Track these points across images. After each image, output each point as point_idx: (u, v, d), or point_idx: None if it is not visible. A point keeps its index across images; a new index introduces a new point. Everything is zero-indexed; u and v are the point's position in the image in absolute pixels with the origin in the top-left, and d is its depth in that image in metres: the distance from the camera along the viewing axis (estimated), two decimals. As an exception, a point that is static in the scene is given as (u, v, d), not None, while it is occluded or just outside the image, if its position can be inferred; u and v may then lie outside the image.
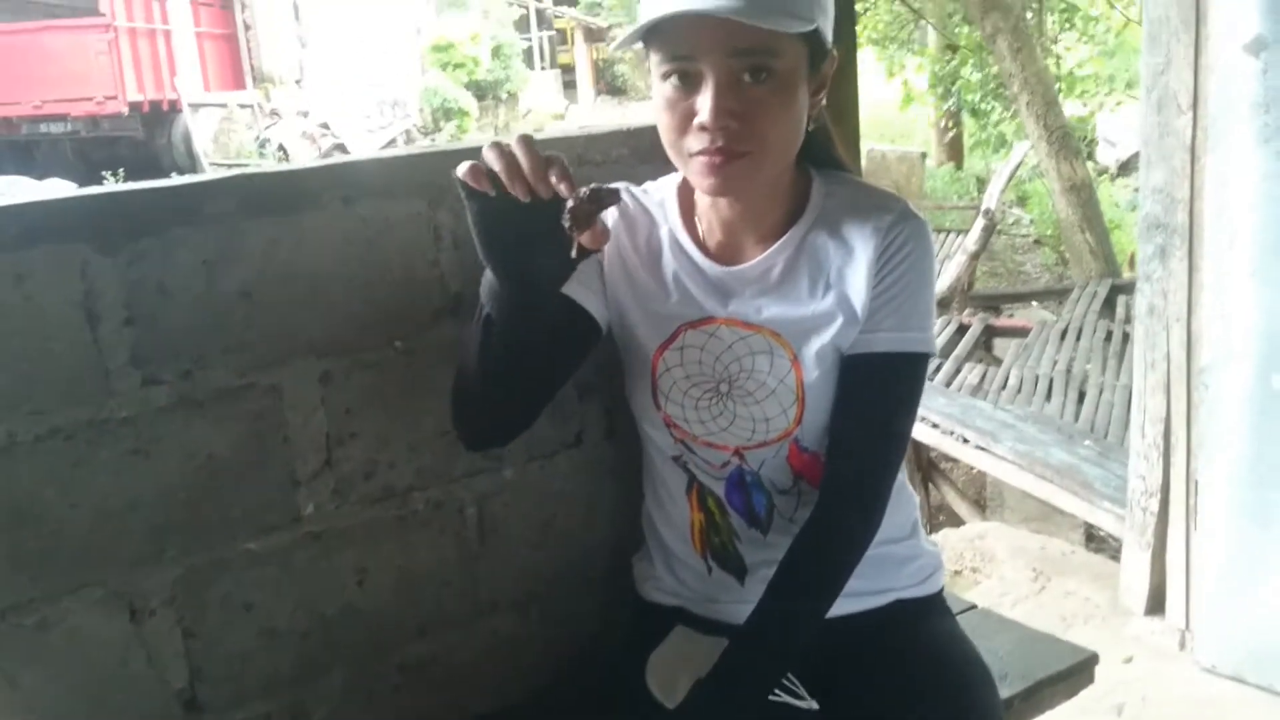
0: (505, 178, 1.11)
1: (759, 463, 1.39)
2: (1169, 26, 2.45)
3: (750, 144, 1.20)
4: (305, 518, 1.39)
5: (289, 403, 1.35)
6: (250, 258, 1.30)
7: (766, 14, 1.14)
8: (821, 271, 1.32)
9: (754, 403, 1.34)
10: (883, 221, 1.30)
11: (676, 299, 1.36)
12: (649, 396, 1.39)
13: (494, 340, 1.25)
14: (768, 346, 1.33)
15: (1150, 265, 2.64)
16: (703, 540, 1.45)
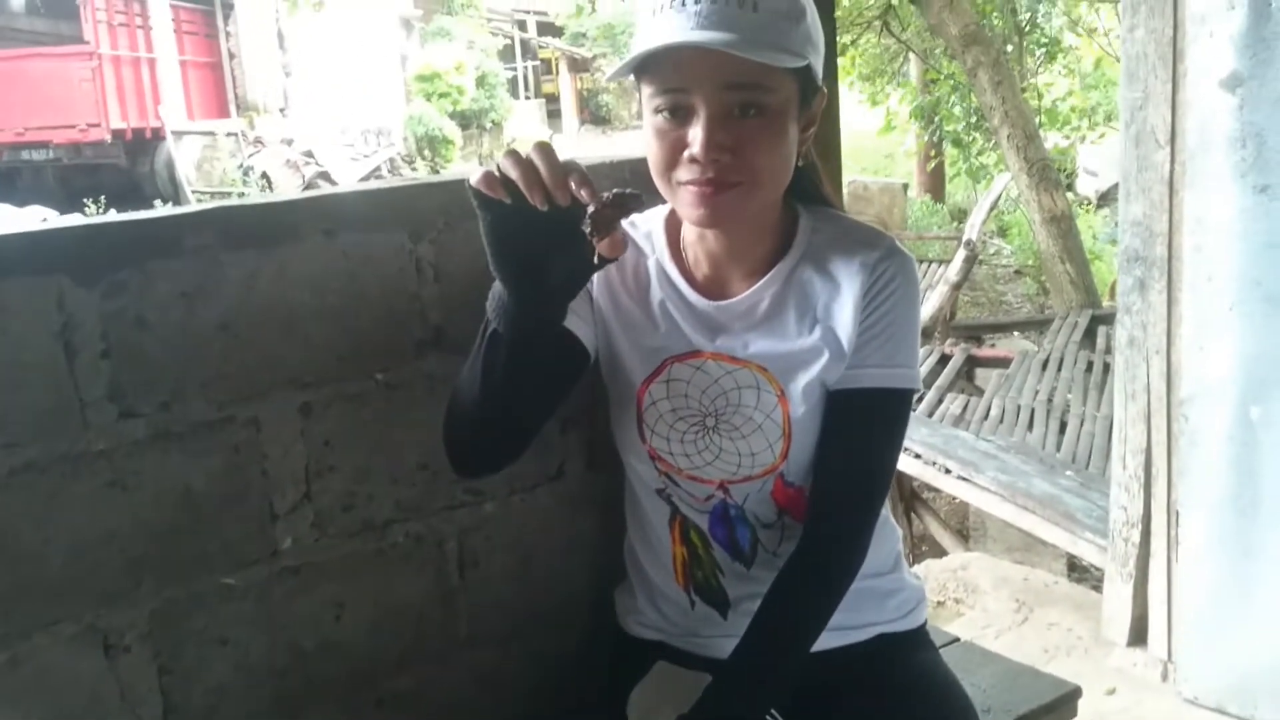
0: (523, 185, 1.08)
1: (743, 497, 1.38)
2: (1146, 62, 2.47)
3: (741, 175, 1.20)
4: (283, 551, 1.37)
5: (268, 435, 1.34)
6: (229, 290, 1.29)
7: (760, 48, 1.15)
8: (809, 307, 1.32)
9: (740, 437, 1.34)
10: (869, 258, 1.30)
11: (664, 331, 1.35)
12: (634, 429, 1.38)
13: (499, 357, 1.22)
14: (754, 381, 1.32)
15: (1130, 297, 2.65)
16: (685, 574, 1.44)
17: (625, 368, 1.38)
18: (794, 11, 1.20)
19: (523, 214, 1.09)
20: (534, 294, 1.17)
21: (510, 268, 1.15)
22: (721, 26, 1.15)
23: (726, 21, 1.15)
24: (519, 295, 1.17)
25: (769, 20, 1.17)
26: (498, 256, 1.14)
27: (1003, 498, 3.68)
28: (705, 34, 1.14)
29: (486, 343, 1.23)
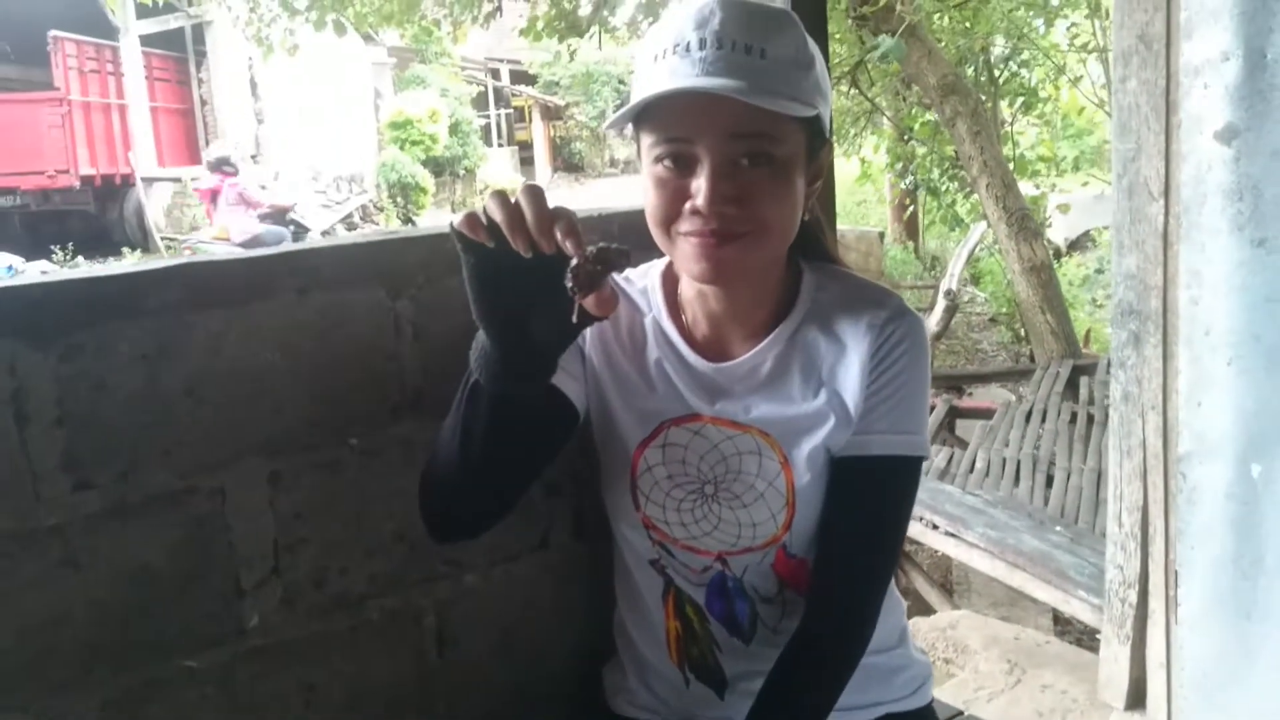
0: (506, 229, 1.02)
1: (742, 569, 1.30)
2: (1139, 114, 2.43)
3: (747, 225, 1.14)
4: (249, 630, 1.29)
5: (234, 506, 1.25)
6: (195, 352, 1.21)
7: (770, 96, 1.09)
8: (813, 369, 1.25)
9: (741, 506, 1.27)
10: (877, 318, 1.24)
11: (660, 393, 1.29)
12: (627, 496, 1.31)
13: (480, 412, 1.15)
14: (756, 447, 1.26)
15: (1124, 352, 2.60)
16: (680, 650, 1.36)
17: (619, 430, 1.31)
18: (803, 59, 1.15)
19: (506, 259, 1.04)
20: (518, 346, 1.10)
21: (492, 316, 1.09)
22: (728, 74, 1.09)
23: (733, 69, 1.09)
24: (502, 346, 1.10)
25: (777, 68, 1.11)
26: (479, 303, 1.08)
27: (992, 554, 3.61)
28: (711, 80, 1.09)
29: (468, 396, 1.16)
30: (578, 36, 8.62)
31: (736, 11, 1.12)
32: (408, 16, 8.64)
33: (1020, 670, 3.01)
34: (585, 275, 1.01)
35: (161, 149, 16.93)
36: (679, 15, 1.14)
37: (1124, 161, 2.50)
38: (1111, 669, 2.80)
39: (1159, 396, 2.54)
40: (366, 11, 8.41)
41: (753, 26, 1.11)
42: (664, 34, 1.14)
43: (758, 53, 1.10)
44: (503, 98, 27.05)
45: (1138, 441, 2.62)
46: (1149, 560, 2.67)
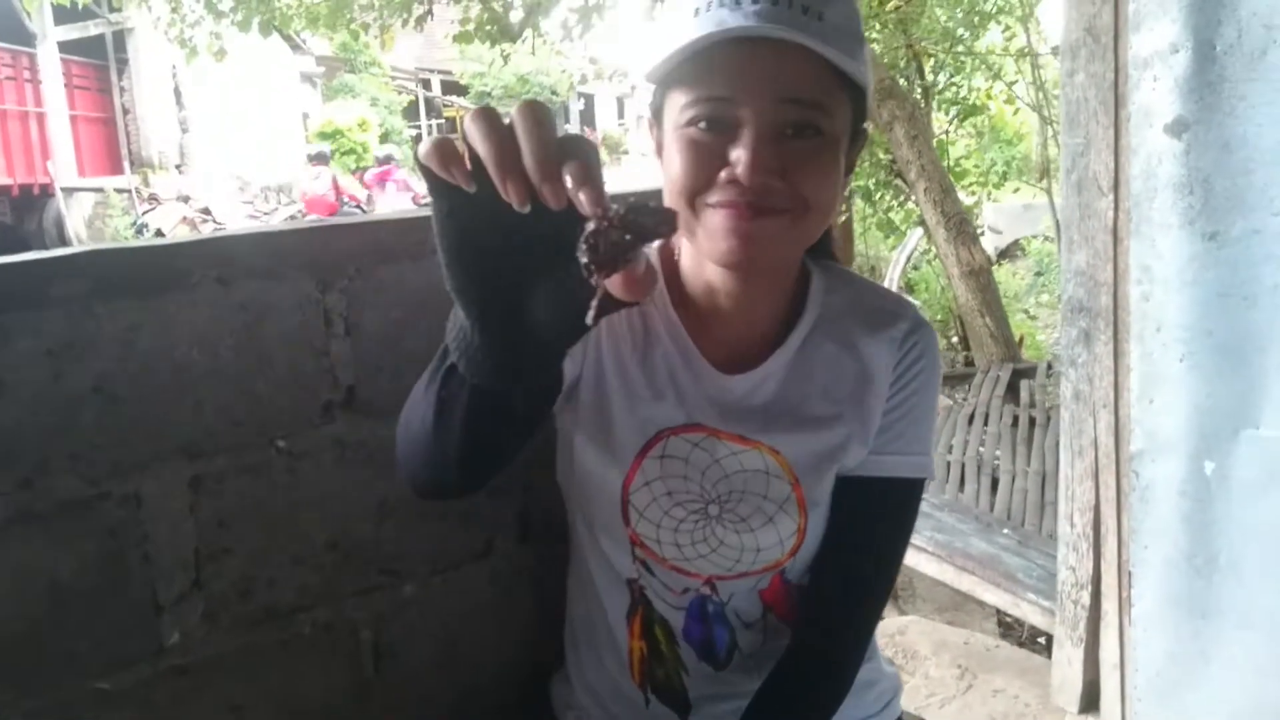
0: (493, 168, 0.71)
1: (729, 594, 1.21)
2: (1087, 108, 2.41)
3: (788, 202, 1.01)
4: (169, 648, 1.19)
5: (150, 514, 1.16)
6: (105, 347, 1.11)
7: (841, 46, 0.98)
8: (831, 384, 1.16)
9: (748, 530, 1.16)
10: (897, 330, 1.17)
11: (665, 399, 1.16)
12: (616, 511, 1.18)
13: (456, 399, 0.90)
14: (764, 465, 1.15)
15: (1075, 350, 2.57)
16: (643, 671, 1.27)
17: (615, 436, 1.16)
18: (856, 31, 1.03)
19: (493, 211, 0.73)
20: (506, 334, 0.82)
21: (471, 290, 0.80)
22: (784, 25, 0.97)
23: (789, 25, 0.97)
24: (486, 333, 0.82)
25: (835, 35, 0.99)
26: (453, 271, 0.79)
27: (940, 558, 3.57)
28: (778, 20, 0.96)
29: (443, 375, 0.92)
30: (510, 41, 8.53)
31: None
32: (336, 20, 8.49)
33: (971, 675, 2.97)
34: (608, 247, 0.70)
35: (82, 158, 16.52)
36: None
37: (1072, 156, 2.47)
38: (1065, 672, 2.76)
39: (1110, 394, 2.52)
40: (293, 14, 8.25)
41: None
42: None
43: (815, 14, 0.98)
44: (434, 108, 26.87)
45: (1089, 440, 2.59)
46: (1101, 561, 2.64)
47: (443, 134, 0.79)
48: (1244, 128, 2.10)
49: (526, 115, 0.71)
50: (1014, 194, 13.53)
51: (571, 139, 0.71)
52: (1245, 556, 2.34)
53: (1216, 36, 2.07)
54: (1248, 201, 2.14)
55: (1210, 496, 2.33)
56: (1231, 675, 2.41)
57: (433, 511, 1.34)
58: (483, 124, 0.72)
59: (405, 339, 1.29)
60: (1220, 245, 2.19)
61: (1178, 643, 2.46)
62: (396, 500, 1.31)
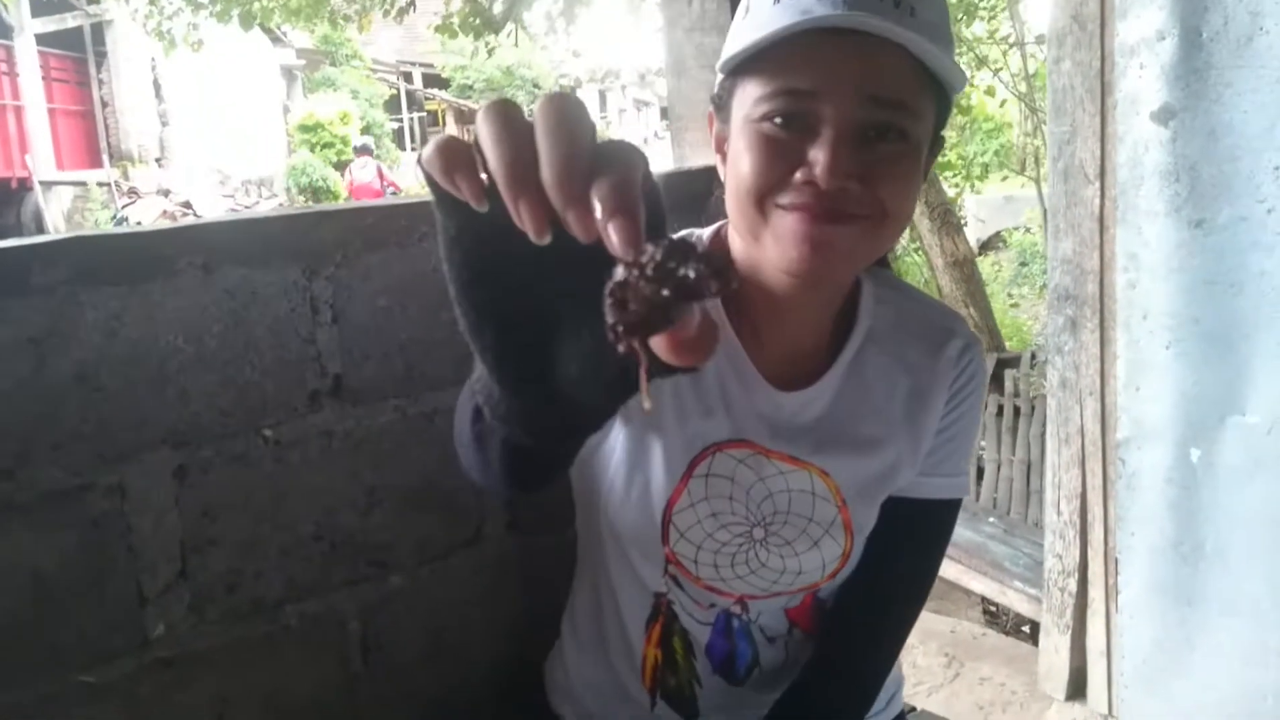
0: (505, 185, 0.54)
1: (758, 611, 1.19)
2: (1074, 95, 2.40)
3: (866, 208, 0.93)
4: (154, 641, 1.17)
5: (135, 505, 1.14)
6: (88, 335, 1.09)
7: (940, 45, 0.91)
8: (883, 402, 1.12)
9: (791, 554, 1.13)
10: (952, 348, 1.14)
11: (713, 413, 1.09)
12: (656, 529, 1.11)
13: (490, 438, 0.78)
14: (810, 485, 1.11)
15: (1061, 338, 2.57)
16: (654, 677, 1.23)
17: (659, 452, 1.09)
18: (947, 31, 0.96)
19: (516, 235, 0.55)
20: (533, 392, 0.66)
21: (487, 335, 0.64)
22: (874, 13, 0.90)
23: (881, 17, 0.90)
24: (506, 387, 0.67)
25: (926, 31, 0.91)
26: (464, 307, 0.64)
27: (925, 547, 3.58)
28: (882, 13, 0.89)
29: (473, 411, 0.78)
30: (493, 34, 8.50)
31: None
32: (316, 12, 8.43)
33: (959, 664, 2.98)
34: (641, 304, 0.51)
35: (61, 152, 16.40)
36: None
37: (1059, 144, 2.47)
38: (1052, 659, 2.77)
39: (1097, 382, 2.52)
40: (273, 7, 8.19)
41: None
42: None
43: (907, 8, 0.91)
44: (415, 101, 26.75)
45: (1076, 428, 2.59)
46: (1088, 548, 2.65)
47: (449, 136, 0.57)
48: (1230, 115, 2.10)
49: (549, 113, 0.54)
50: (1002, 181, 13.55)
51: (612, 147, 0.54)
52: (1231, 543, 2.35)
53: (1203, 24, 2.06)
54: (1234, 189, 2.14)
55: (1196, 483, 2.33)
56: (1217, 662, 2.42)
57: (420, 501, 1.33)
58: (496, 123, 0.55)
59: (393, 326, 1.28)
60: (1206, 232, 2.19)
61: (1164, 630, 2.46)
62: (384, 490, 1.30)
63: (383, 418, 1.29)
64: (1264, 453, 2.22)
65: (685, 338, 0.52)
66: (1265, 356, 2.17)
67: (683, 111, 1.75)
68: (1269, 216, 2.08)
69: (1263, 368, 2.18)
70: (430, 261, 1.29)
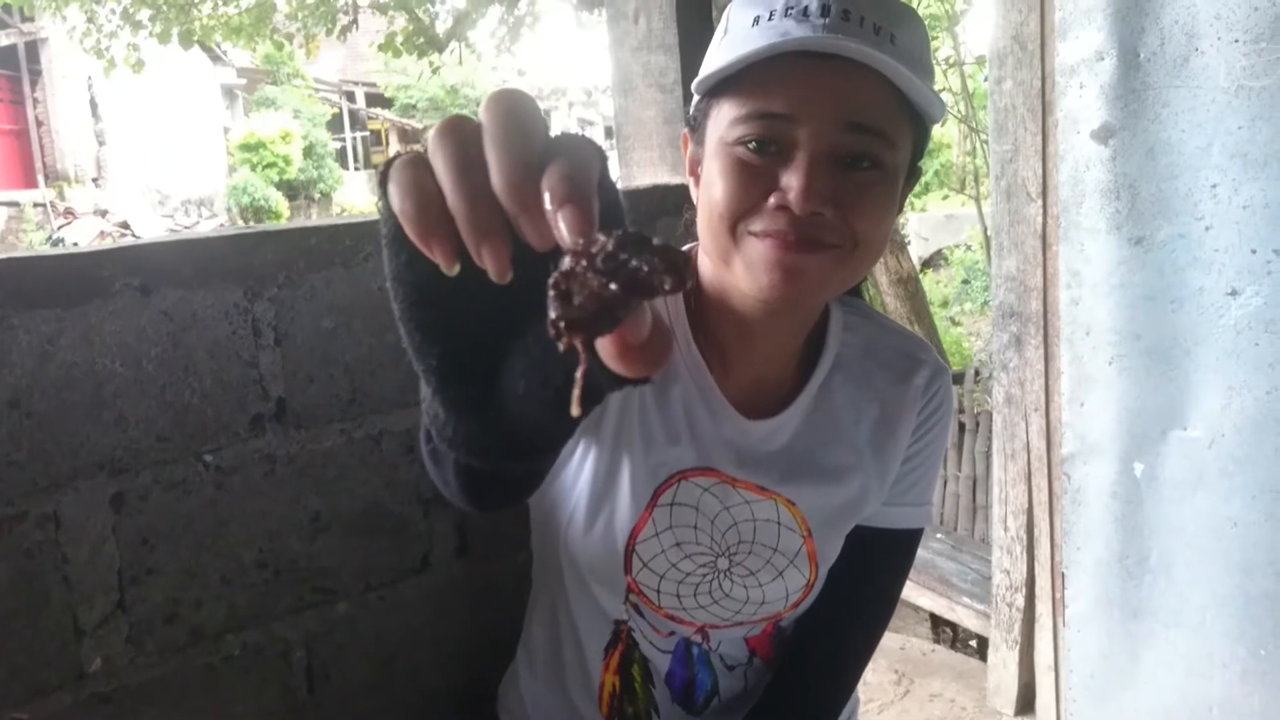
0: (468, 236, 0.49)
1: (719, 641, 1.18)
2: (1015, 114, 2.43)
3: (839, 237, 0.92)
4: (91, 675, 1.13)
5: (70, 534, 1.10)
6: (20, 359, 1.06)
7: (920, 74, 0.90)
8: (850, 430, 1.11)
9: (756, 585, 1.11)
10: (920, 378, 1.13)
11: (678, 441, 1.07)
12: (618, 559, 1.09)
13: (444, 460, 0.73)
14: (776, 515, 1.09)
15: (1006, 354, 2.59)
16: (611, 705, 1.21)
17: (623, 482, 1.08)
18: (927, 60, 0.96)
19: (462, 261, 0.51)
20: (479, 414, 0.60)
21: (431, 355, 0.59)
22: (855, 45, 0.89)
23: (860, 42, 0.89)
24: (451, 410, 0.61)
25: (905, 59, 0.90)
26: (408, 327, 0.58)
27: (874, 564, 3.59)
28: (857, 39, 0.88)
29: (423, 431, 0.73)
30: (437, 52, 8.46)
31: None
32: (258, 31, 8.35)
33: (908, 680, 2.98)
34: (587, 299, 0.46)
35: (-6, 171, 16.14)
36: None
37: (1001, 163, 2.49)
38: (1000, 674, 2.78)
39: (1042, 398, 2.54)
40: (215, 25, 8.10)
41: (883, 4, 0.91)
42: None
43: (887, 35, 0.90)
44: (359, 120, 26.59)
45: (1021, 444, 2.61)
46: (1035, 563, 2.67)
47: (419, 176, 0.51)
48: (1168, 133, 2.14)
49: (496, 115, 0.50)
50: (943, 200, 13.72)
51: (566, 141, 0.50)
52: (1175, 556, 2.38)
53: (1140, 44, 2.10)
54: (1173, 206, 2.17)
55: (1140, 497, 2.36)
56: (1163, 673, 2.44)
57: (367, 527, 1.30)
58: (447, 140, 0.50)
59: (337, 348, 1.25)
60: (1147, 249, 2.22)
61: (1110, 643, 2.48)
62: (329, 515, 1.27)
63: (327, 441, 1.26)
64: (1205, 466, 2.25)
65: (635, 343, 0.47)
66: (1205, 371, 2.20)
67: (629, 131, 1.74)
68: (1207, 234, 2.11)
69: (1203, 382, 2.22)
70: (376, 281, 1.27)
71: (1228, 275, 2.17)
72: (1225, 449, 2.22)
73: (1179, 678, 2.45)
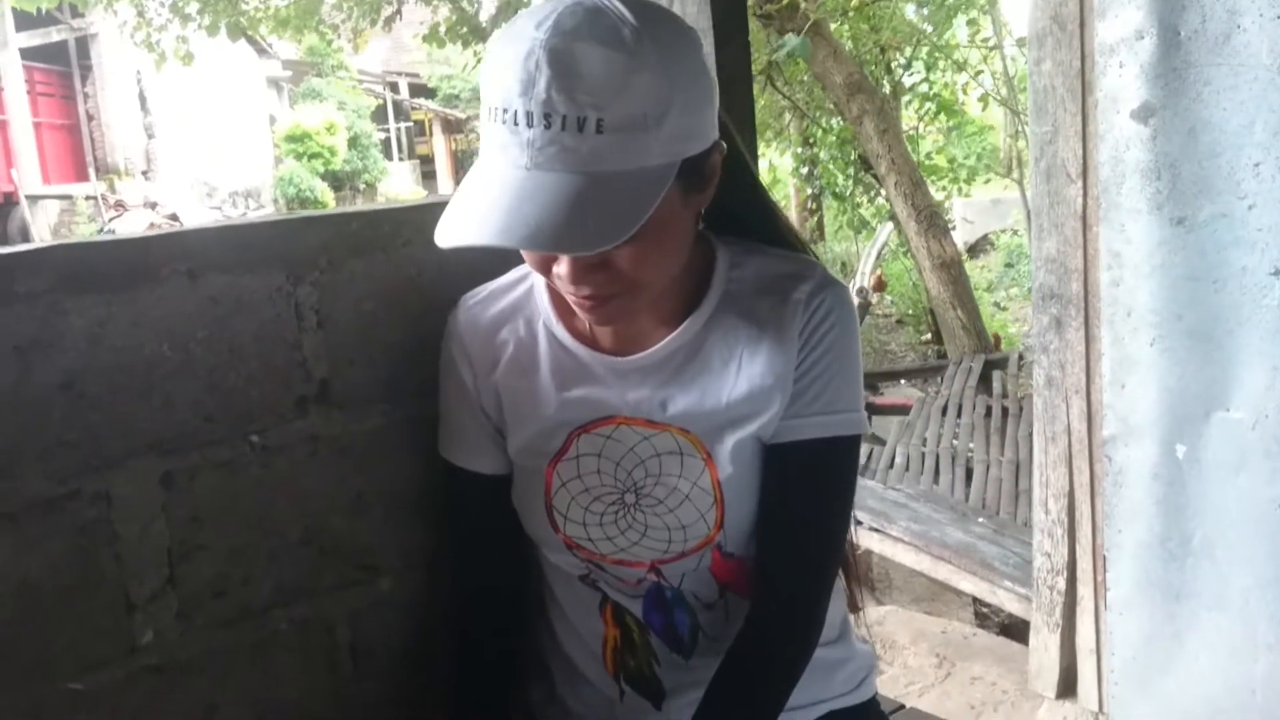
0: None
1: (679, 577, 1.22)
2: (1055, 95, 2.42)
3: (618, 288, 1.04)
4: (142, 648, 1.17)
5: (121, 512, 1.14)
6: (73, 342, 1.09)
7: (606, 228, 0.95)
8: (734, 354, 1.15)
9: (667, 511, 1.17)
10: (801, 292, 1.14)
11: (561, 403, 1.18)
12: (544, 518, 1.20)
13: None
14: (676, 446, 1.16)
15: (1046, 336, 2.58)
16: (615, 661, 1.27)
17: (526, 452, 1.21)
18: (654, 110, 0.96)
19: None
20: None
21: None
22: (560, 165, 0.95)
23: (565, 158, 0.94)
24: None
25: (618, 141, 0.95)
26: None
27: (917, 547, 3.58)
28: (541, 179, 0.95)
29: None
30: (481, 42, 8.50)
31: (567, 63, 0.93)
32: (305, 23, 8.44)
33: (950, 664, 2.99)
34: None
35: (47, 165, 16.37)
36: (509, 50, 0.96)
37: (1041, 144, 2.48)
38: (1041, 658, 2.77)
39: (1082, 380, 2.53)
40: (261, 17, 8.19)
41: (590, 83, 0.93)
42: (496, 72, 0.97)
43: (593, 126, 0.93)
44: (402, 111, 26.74)
45: (1062, 427, 2.60)
46: (1077, 546, 2.66)
47: None
48: (1209, 112, 2.12)
49: None
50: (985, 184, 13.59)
51: None
52: (1218, 538, 2.36)
53: (1181, 22, 2.08)
54: (1214, 186, 2.15)
55: (1183, 479, 2.34)
56: (1206, 657, 2.43)
57: (409, 505, 1.33)
58: None
59: (378, 331, 1.28)
60: (1188, 230, 2.21)
61: (1153, 626, 2.47)
62: (373, 494, 1.31)
63: (370, 422, 1.29)
64: (1249, 447, 2.24)
65: None
66: (1249, 352, 2.18)
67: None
68: (1250, 213, 2.09)
69: (1246, 363, 2.20)
70: (414, 268, 1.30)
71: (1271, 255, 2.15)
72: (1269, 430, 2.20)
73: (1222, 661, 2.44)
